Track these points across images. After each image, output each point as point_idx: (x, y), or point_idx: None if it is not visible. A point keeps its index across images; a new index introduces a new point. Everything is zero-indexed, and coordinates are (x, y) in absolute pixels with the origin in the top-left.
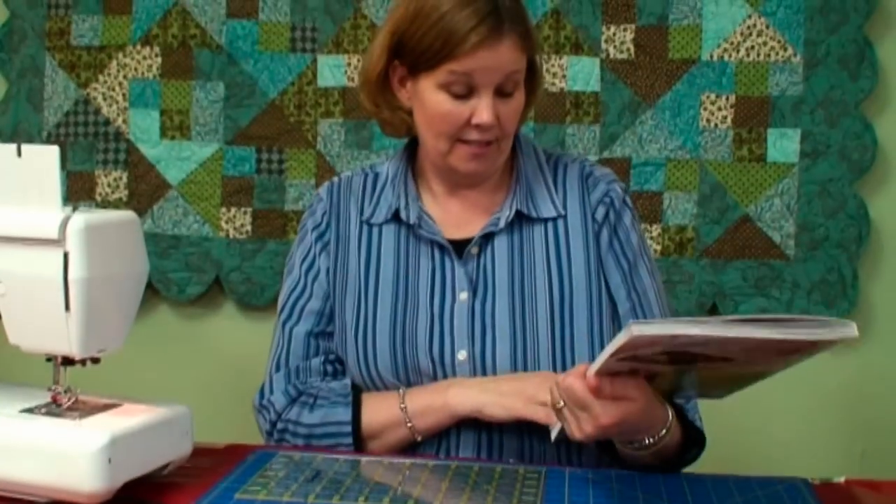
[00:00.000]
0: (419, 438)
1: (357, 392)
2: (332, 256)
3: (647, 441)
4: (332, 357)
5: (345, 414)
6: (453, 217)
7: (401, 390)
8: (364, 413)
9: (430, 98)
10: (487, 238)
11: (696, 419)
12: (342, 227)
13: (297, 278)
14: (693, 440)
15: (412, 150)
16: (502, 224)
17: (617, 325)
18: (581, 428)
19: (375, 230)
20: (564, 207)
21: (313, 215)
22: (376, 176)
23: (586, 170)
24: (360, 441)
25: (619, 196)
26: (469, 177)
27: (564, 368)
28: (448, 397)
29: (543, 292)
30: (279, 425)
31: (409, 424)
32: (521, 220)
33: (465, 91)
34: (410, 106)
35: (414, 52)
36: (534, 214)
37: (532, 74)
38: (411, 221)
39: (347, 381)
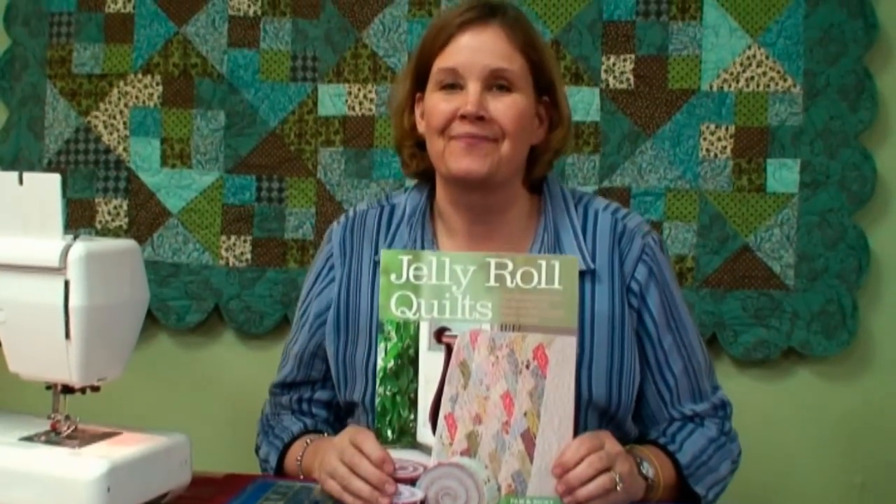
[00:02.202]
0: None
1: (295, 437)
2: (340, 296)
3: None
4: (307, 397)
5: (274, 458)
6: None
7: (308, 440)
8: (286, 459)
9: (429, 102)
10: None
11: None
12: (353, 267)
13: (295, 321)
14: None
15: (432, 188)
16: None
17: (640, 376)
18: None
19: None
20: (594, 260)
21: (321, 256)
22: (392, 209)
23: (619, 224)
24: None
25: (657, 247)
26: (465, 179)
27: (578, 421)
28: (316, 467)
29: None
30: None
31: (301, 478)
32: None
33: (453, 83)
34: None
35: (420, 62)
36: None
37: (547, 96)
38: None
39: (296, 425)
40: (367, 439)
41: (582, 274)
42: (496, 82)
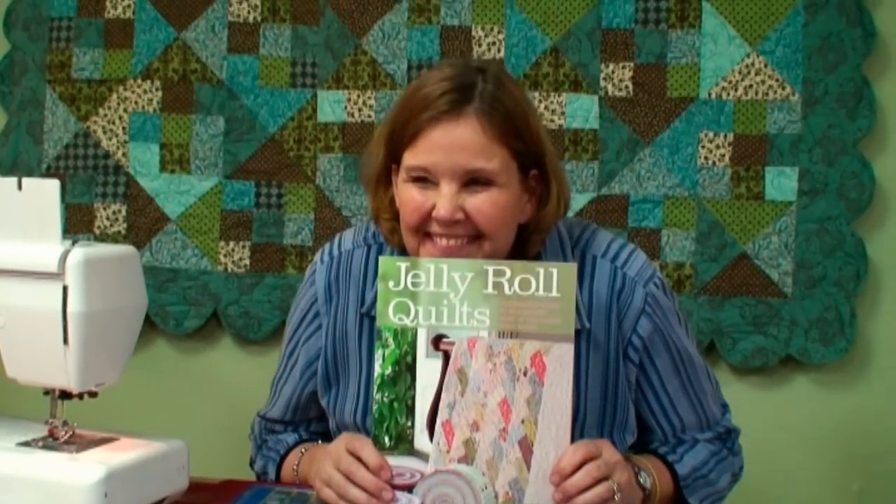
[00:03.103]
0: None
1: (291, 448)
2: (327, 349)
3: None
4: (301, 429)
5: (272, 470)
6: None
7: (303, 448)
8: (282, 469)
9: (401, 190)
10: None
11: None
12: (339, 317)
13: (282, 358)
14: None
15: None
16: None
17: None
18: None
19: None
20: (589, 319)
21: (305, 296)
22: (380, 249)
23: (618, 274)
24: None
25: (660, 293)
26: None
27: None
28: (312, 475)
29: None
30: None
31: (297, 484)
32: None
33: (425, 180)
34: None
35: (394, 139)
36: None
37: (537, 168)
38: None
39: (291, 437)
40: (364, 445)
41: (577, 333)
42: (472, 178)
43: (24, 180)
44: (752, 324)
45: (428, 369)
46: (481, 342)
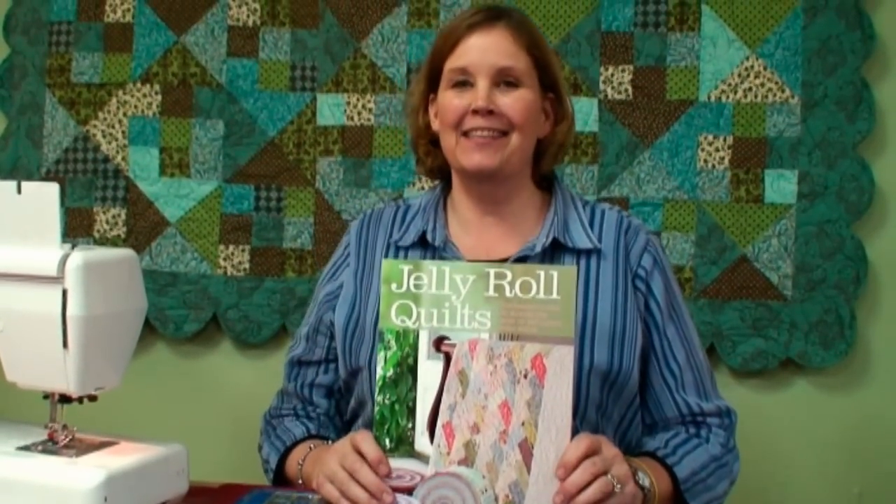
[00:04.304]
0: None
1: (298, 441)
2: (356, 276)
3: None
4: (309, 381)
5: (274, 460)
6: (484, 243)
7: (311, 445)
8: (287, 462)
9: (441, 100)
10: (520, 262)
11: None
12: (369, 255)
13: (309, 307)
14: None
15: (445, 186)
16: (538, 249)
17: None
18: None
19: (402, 252)
20: (600, 241)
21: (339, 248)
22: (408, 208)
23: (624, 220)
24: (283, 476)
25: (659, 246)
26: (479, 175)
27: (580, 382)
28: (315, 474)
29: None
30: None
31: (299, 482)
32: (554, 249)
33: (464, 81)
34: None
35: (433, 65)
36: (569, 244)
37: (552, 92)
38: (436, 244)
39: (299, 429)
40: (366, 438)
41: (588, 252)
42: (504, 79)
43: (24, 184)
44: (752, 327)
45: (429, 371)
46: (482, 344)
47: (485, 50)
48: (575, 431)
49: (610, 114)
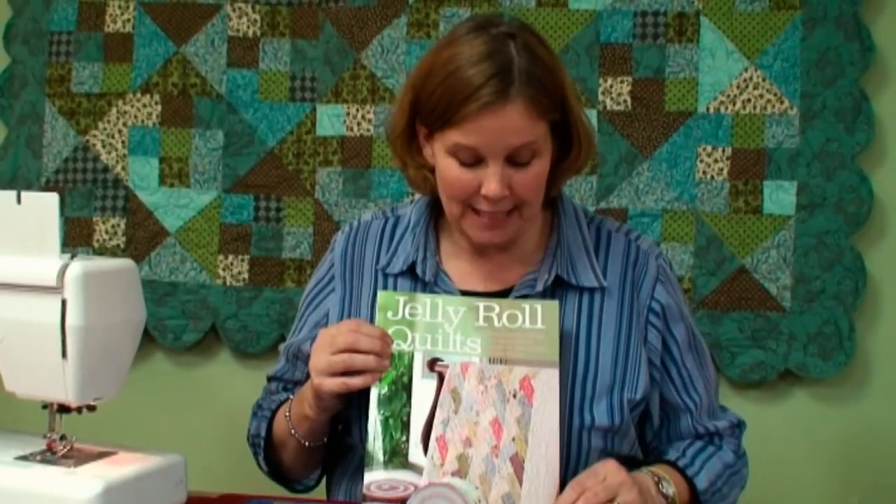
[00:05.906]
0: (307, 444)
1: (283, 402)
2: (342, 301)
3: None
4: (290, 390)
5: (264, 427)
6: (481, 270)
7: (290, 395)
8: (275, 422)
9: (441, 162)
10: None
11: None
12: (355, 276)
13: (294, 322)
14: None
15: (438, 200)
16: (539, 287)
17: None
18: None
19: (391, 280)
20: (605, 278)
21: (324, 264)
22: (397, 220)
23: (632, 246)
24: (273, 453)
25: (669, 269)
26: (485, 246)
27: (581, 435)
28: (304, 399)
29: (568, 363)
30: None
31: (293, 433)
32: (556, 286)
33: (472, 160)
34: (434, 164)
35: (426, 111)
36: (573, 282)
37: (564, 131)
38: (427, 279)
39: (283, 395)
40: (361, 321)
41: (592, 291)
42: (518, 158)
43: (24, 194)
44: (751, 338)
45: (423, 388)
46: (473, 367)
47: (500, 133)
48: (564, 453)
49: (609, 125)
